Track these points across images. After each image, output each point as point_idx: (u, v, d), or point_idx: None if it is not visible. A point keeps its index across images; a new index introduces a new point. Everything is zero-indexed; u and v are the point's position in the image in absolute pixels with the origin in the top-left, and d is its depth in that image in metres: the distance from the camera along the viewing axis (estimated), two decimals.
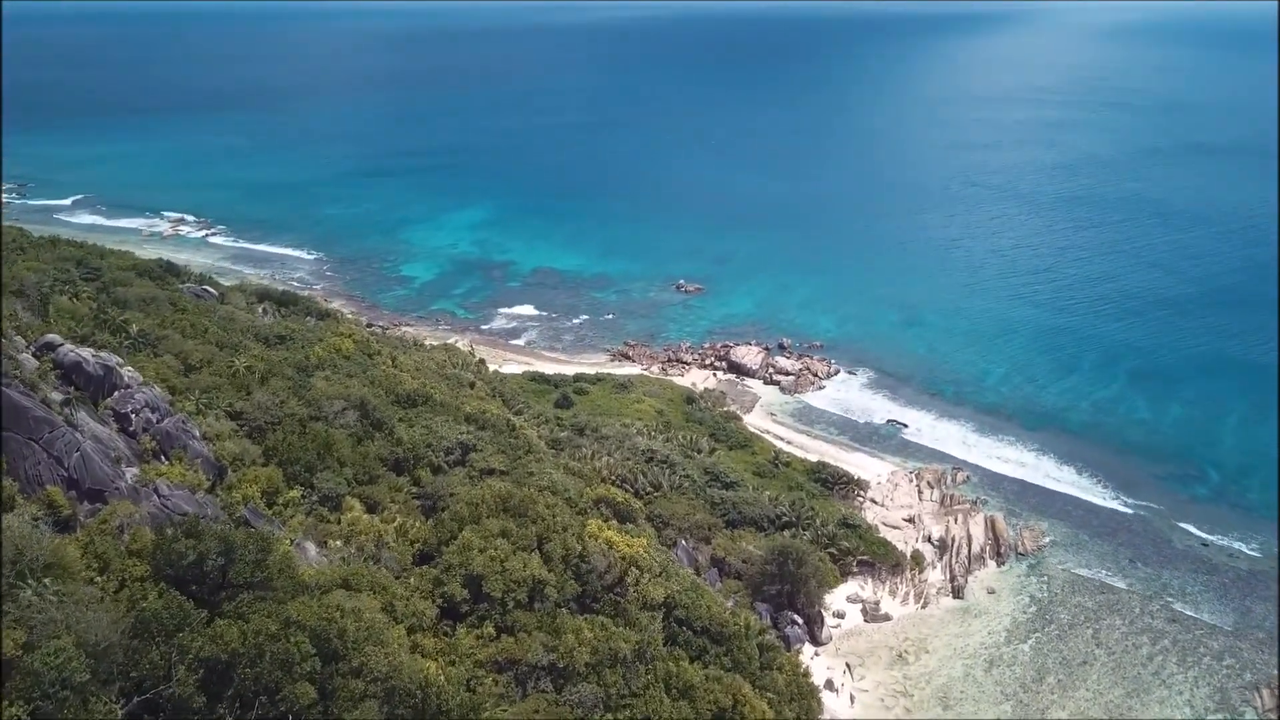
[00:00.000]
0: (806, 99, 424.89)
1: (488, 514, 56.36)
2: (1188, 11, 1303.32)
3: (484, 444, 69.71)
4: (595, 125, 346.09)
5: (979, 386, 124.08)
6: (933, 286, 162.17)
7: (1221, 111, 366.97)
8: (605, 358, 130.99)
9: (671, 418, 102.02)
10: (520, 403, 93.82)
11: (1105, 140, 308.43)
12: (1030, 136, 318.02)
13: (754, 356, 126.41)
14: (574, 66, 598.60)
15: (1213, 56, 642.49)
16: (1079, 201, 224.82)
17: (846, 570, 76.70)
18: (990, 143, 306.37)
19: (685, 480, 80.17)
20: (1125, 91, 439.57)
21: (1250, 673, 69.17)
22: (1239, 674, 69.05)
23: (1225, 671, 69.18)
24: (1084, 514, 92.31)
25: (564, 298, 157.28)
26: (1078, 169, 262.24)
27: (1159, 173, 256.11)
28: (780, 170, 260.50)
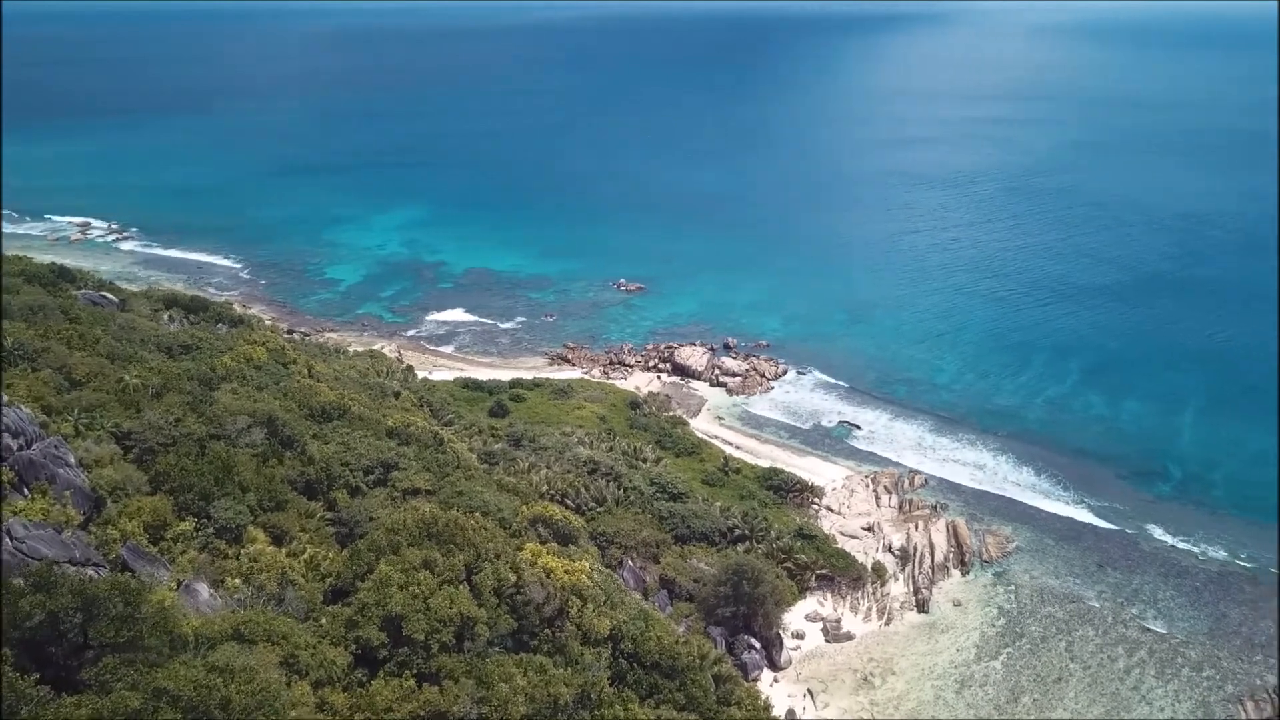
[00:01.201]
0: (747, 97, 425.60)
1: (409, 542, 50.80)
2: (1135, 11, 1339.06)
3: (407, 461, 64.05)
4: (535, 125, 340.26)
5: (931, 385, 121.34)
6: (878, 283, 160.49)
7: (1150, 106, 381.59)
8: (543, 361, 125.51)
9: (614, 424, 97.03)
10: (450, 413, 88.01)
11: (1039, 134, 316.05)
12: (967, 131, 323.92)
13: (699, 358, 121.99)
14: (513, 67, 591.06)
15: (1142, 55, 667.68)
16: (1016, 193, 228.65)
17: (804, 586, 72.40)
18: (928, 138, 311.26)
19: (631, 493, 75.24)
20: (1057, 87, 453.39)
21: (1231, 683, 66.36)
22: (1220, 685, 66.19)
23: (1206, 683, 66.27)
24: (1047, 517, 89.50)
25: (499, 299, 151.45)
26: (1014, 163, 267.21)
27: (1091, 165, 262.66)
28: (721, 167, 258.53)
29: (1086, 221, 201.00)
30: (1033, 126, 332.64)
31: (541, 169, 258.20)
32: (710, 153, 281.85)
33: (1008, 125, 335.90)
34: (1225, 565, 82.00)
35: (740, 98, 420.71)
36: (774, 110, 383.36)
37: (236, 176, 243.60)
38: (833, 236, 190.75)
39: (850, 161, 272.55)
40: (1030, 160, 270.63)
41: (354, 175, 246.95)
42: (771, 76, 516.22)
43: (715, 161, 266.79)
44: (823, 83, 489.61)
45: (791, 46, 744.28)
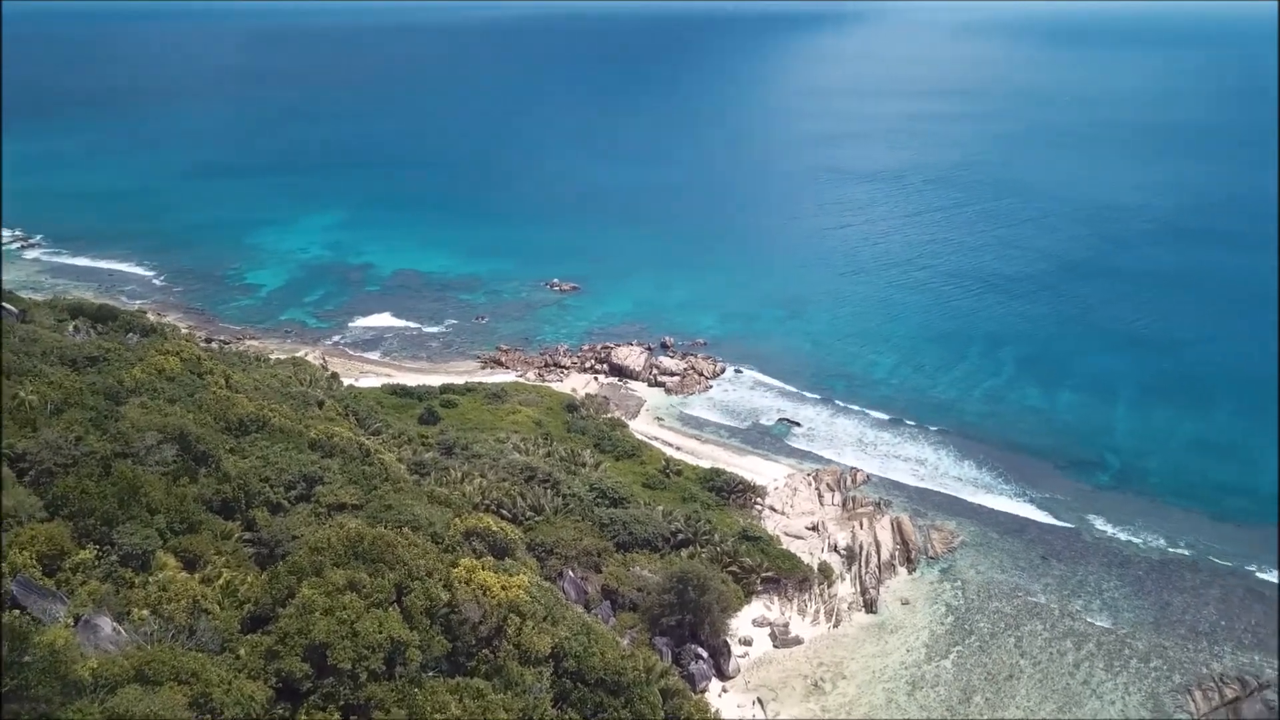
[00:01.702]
0: (675, 95, 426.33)
1: (334, 562, 47.83)
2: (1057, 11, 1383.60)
3: (332, 474, 60.86)
4: (462, 123, 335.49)
5: (869, 380, 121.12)
6: (813, 278, 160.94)
7: (1064, 99, 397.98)
8: (475, 365, 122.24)
9: (551, 428, 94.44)
10: (378, 421, 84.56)
11: (964, 129, 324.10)
12: (895, 126, 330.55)
13: (636, 357, 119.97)
14: (440, 66, 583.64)
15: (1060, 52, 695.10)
16: (944, 186, 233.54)
17: (750, 589, 70.77)
18: (858, 133, 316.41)
19: (570, 500, 72.80)
20: (981, 83, 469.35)
21: (1179, 673, 66.41)
22: (1168, 676, 66.17)
23: (1154, 674, 66.20)
24: (990, 511, 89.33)
25: (428, 301, 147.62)
26: (940, 156, 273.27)
27: (1015, 158, 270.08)
28: (654, 165, 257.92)
29: (1012, 213, 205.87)
30: (958, 121, 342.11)
31: (470, 168, 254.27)
32: (642, 151, 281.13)
33: (934, 120, 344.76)
34: (1165, 554, 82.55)
35: (670, 96, 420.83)
36: (704, 108, 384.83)
37: (151, 180, 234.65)
38: (766, 232, 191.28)
39: (782, 157, 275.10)
40: (956, 154, 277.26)
41: (276, 177, 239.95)
42: (700, 75, 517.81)
43: (647, 159, 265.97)
44: (753, 80, 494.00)
45: (720, 46, 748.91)
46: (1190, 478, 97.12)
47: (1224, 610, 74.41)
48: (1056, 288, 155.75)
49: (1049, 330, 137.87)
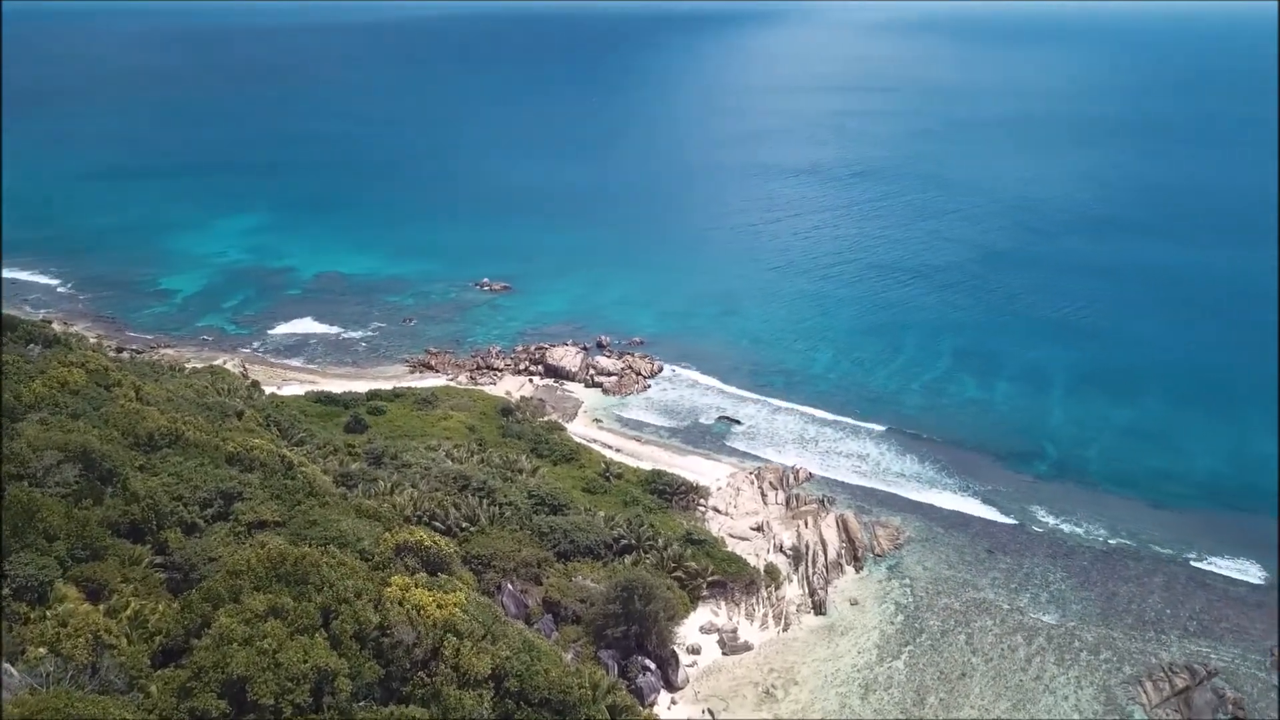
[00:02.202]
0: (601, 93, 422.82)
1: (254, 585, 44.67)
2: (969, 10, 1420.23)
3: (252, 490, 57.29)
4: (386, 123, 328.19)
5: (807, 375, 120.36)
6: (746, 274, 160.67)
7: (977, 93, 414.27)
8: (404, 369, 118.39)
9: (485, 434, 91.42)
10: (301, 431, 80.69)
11: (884, 123, 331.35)
12: (816, 122, 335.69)
13: (572, 358, 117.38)
14: (362, 64, 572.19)
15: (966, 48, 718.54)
16: (867, 179, 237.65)
17: (696, 595, 68.80)
18: (781, 129, 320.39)
19: (506, 508, 69.99)
20: (894, 79, 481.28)
21: (1129, 664, 66.21)
22: (1118, 668, 65.91)
23: (1104, 667, 65.87)
24: (934, 505, 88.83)
25: (353, 304, 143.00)
26: (863, 150, 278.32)
27: (935, 151, 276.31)
28: (581, 163, 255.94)
29: (936, 205, 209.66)
30: (880, 116, 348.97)
31: (394, 168, 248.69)
32: (569, 148, 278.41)
33: (857, 116, 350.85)
34: (1108, 543, 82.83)
35: (597, 95, 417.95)
36: (633, 107, 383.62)
37: (55, 183, 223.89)
38: (698, 229, 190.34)
39: (710, 154, 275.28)
40: (880, 149, 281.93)
41: (191, 179, 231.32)
42: (623, 74, 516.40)
43: (574, 157, 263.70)
44: (679, 79, 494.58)
45: (646, 45, 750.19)
46: (1126, 465, 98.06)
47: (1168, 598, 74.74)
48: (984, 278, 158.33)
49: (980, 320, 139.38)
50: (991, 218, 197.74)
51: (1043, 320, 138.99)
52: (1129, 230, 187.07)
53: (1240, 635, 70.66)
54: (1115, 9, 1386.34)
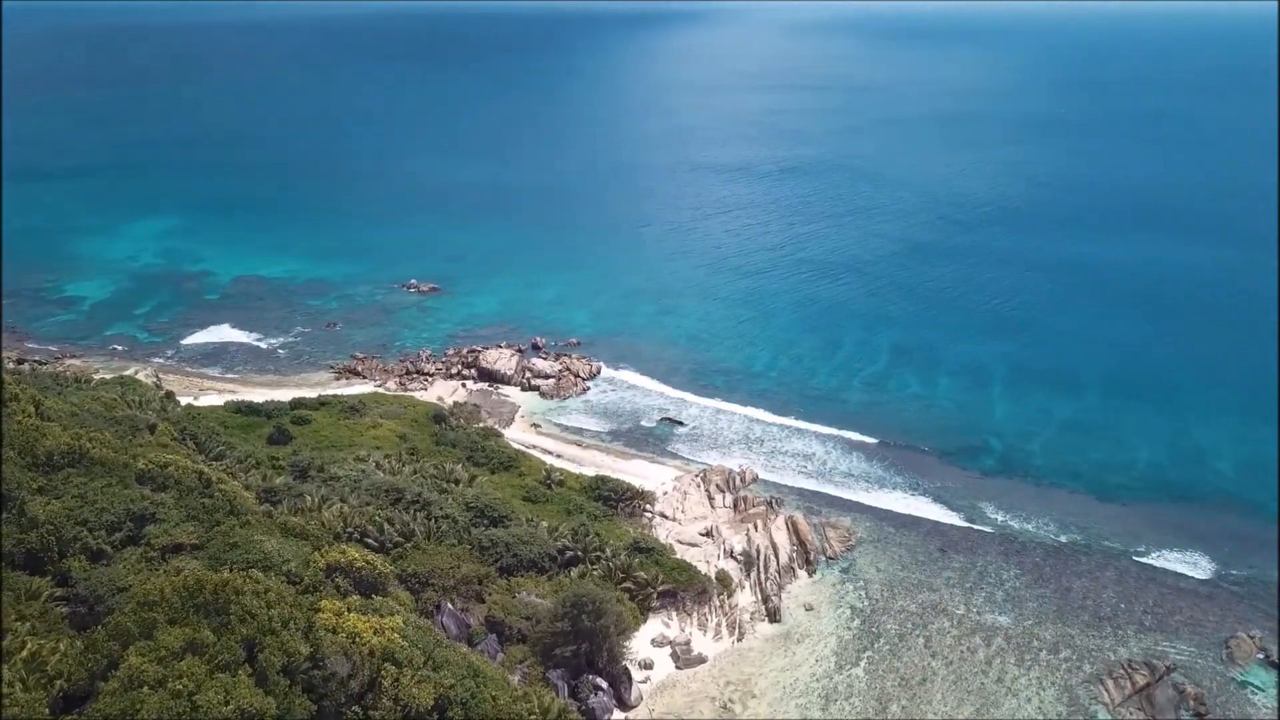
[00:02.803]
0: (526, 92, 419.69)
1: (169, 618, 40.70)
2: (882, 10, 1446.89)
3: (166, 510, 52.98)
4: (306, 122, 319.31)
5: (748, 373, 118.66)
6: (680, 272, 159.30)
7: (900, 91, 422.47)
8: (329, 376, 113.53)
9: (417, 442, 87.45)
10: (220, 444, 75.88)
11: (811, 120, 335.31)
12: (744, 119, 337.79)
13: (507, 360, 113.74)
14: (277, 63, 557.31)
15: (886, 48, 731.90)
16: (798, 175, 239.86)
17: (647, 606, 66.04)
18: (708, 126, 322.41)
19: (443, 522, 66.38)
20: (819, 77, 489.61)
21: (1088, 663, 65.29)
22: (1078, 666, 64.95)
23: (1065, 666, 64.84)
24: (883, 504, 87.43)
25: (274, 309, 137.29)
26: (792, 148, 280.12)
27: (861, 146, 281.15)
28: (507, 162, 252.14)
29: (866, 201, 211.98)
30: (806, 114, 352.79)
31: (314, 168, 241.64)
32: (496, 147, 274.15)
33: (783, 114, 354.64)
34: (1058, 538, 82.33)
35: (526, 94, 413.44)
36: (560, 105, 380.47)
37: None
38: (631, 227, 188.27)
39: (640, 153, 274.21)
40: (807, 145, 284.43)
41: (97, 180, 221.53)
42: (551, 73, 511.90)
43: (502, 155, 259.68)
44: (602, 78, 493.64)
45: (566, 44, 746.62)
46: (1069, 458, 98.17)
47: (1121, 593, 74.28)
48: (916, 271, 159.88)
49: (915, 314, 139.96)
50: (920, 212, 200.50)
51: (976, 312, 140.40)
52: (1053, 224, 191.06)
53: (1194, 628, 70.43)
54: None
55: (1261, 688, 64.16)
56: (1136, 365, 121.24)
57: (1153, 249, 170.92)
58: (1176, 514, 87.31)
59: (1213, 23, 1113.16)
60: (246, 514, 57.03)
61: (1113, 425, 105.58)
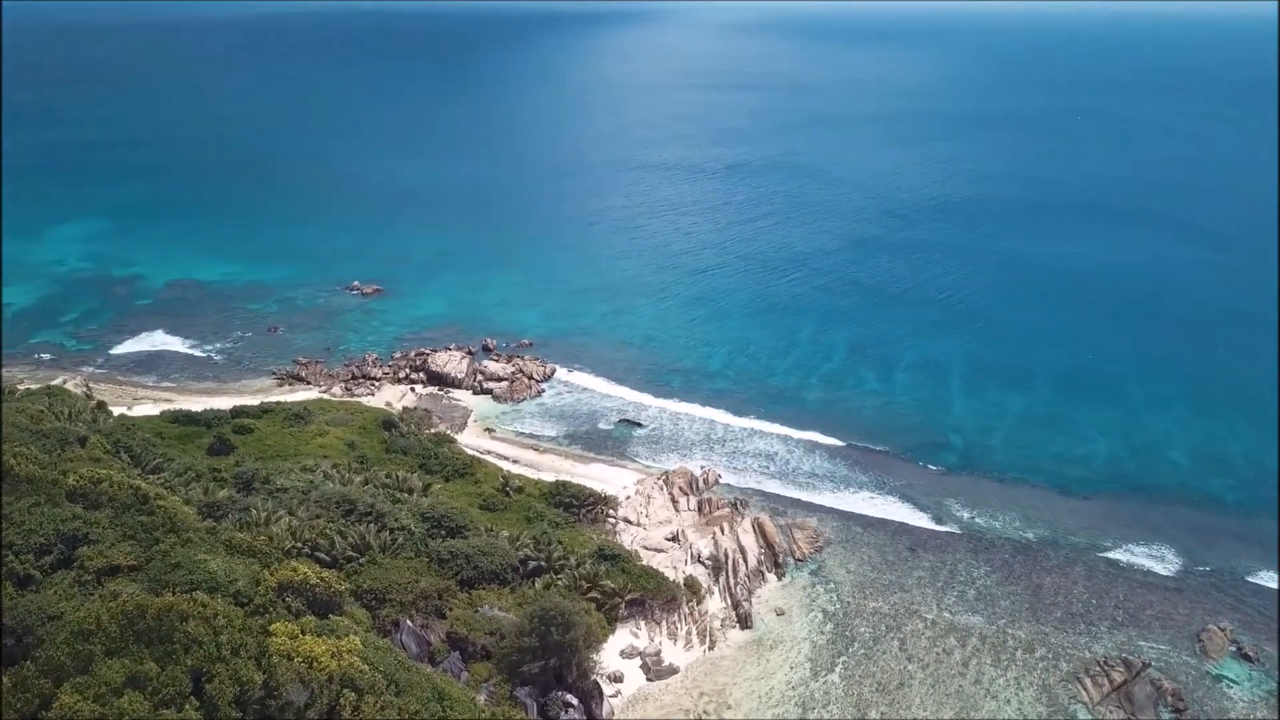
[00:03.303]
0: (468, 92, 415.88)
1: (106, 649, 37.60)
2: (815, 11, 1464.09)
3: (100, 530, 49.44)
4: (238, 122, 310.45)
5: (705, 373, 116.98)
6: (630, 271, 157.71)
7: (838, 90, 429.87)
8: (272, 383, 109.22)
9: (367, 450, 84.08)
10: (157, 457, 71.90)
11: (752, 118, 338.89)
12: (685, 117, 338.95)
13: (457, 363, 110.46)
14: (209, 63, 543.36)
15: (821, 47, 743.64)
16: (741, 172, 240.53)
17: (614, 616, 63.66)
18: (650, 124, 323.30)
19: (399, 534, 63.32)
20: (756, 75, 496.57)
21: (1065, 661, 64.44)
22: (1055, 665, 64.06)
23: (1041, 666, 63.90)
24: (849, 502, 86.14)
25: (211, 313, 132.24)
26: (735, 145, 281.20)
27: (802, 144, 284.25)
28: (450, 161, 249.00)
29: (808, 197, 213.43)
30: (747, 112, 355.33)
31: (250, 169, 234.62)
32: (435, 147, 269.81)
33: (724, 112, 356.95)
34: (1025, 534, 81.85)
35: (464, 93, 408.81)
36: (497, 104, 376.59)
37: None
38: (577, 226, 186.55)
39: (581, 150, 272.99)
40: (750, 143, 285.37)
41: (18, 183, 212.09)
42: (491, 72, 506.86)
43: (442, 155, 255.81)
44: (543, 77, 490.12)
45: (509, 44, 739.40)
46: (1029, 452, 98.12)
47: (1092, 589, 73.80)
48: (863, 266, 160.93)
49: (866, 309, 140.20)
50: (864, 208, 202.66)
51: (925, 305, 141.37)
52: (993, 217, 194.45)
53: (1165, 622, 70.09)
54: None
55: (1236, 680, 63.90)
56: (1083, 357, 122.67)
57: (1089, 241, 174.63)
58: (1137, 506, 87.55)
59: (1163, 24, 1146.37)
60: (188, 531, 53.54)
61: (1067, 418, 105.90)
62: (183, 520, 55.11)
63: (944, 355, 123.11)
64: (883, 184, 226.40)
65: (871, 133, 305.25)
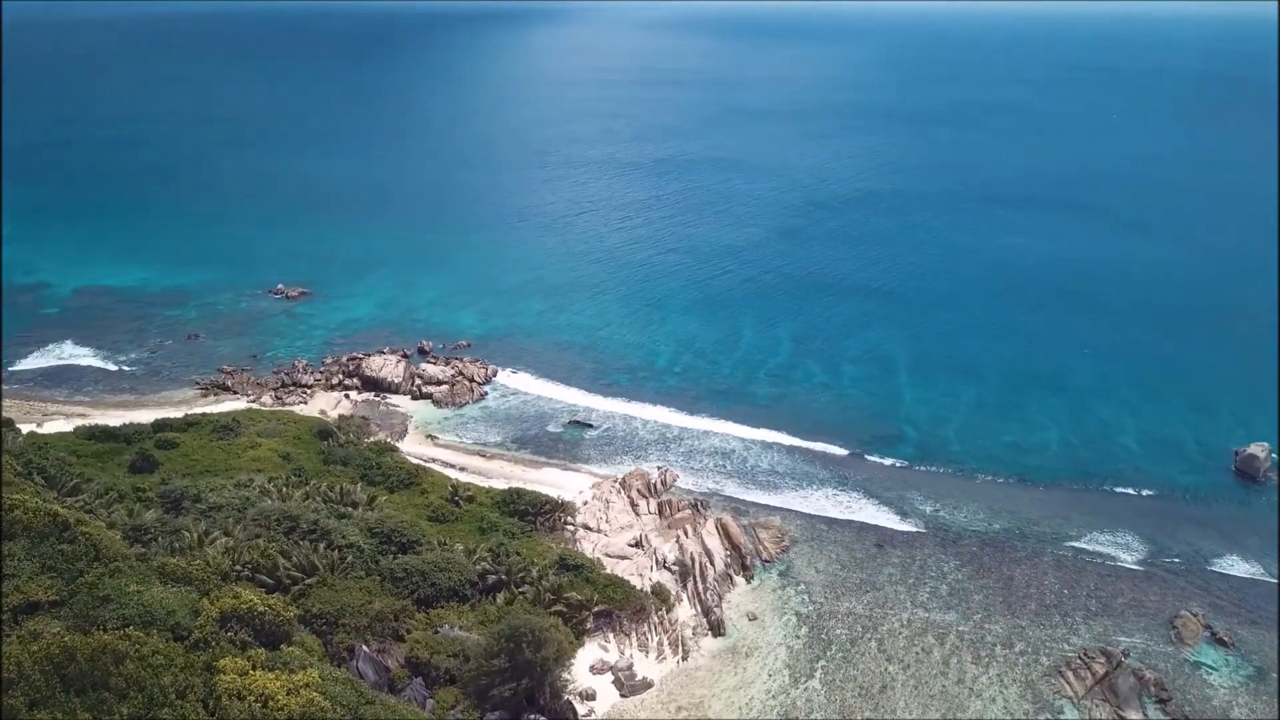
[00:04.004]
0: (386, 90, 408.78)
1: (30, 699, 33.46)
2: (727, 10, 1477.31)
3: (15, 562, 44.49)
4: (145, 120, 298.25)
5: (652, 370, 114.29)
6: (565, 268, 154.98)
7: (757, 85, 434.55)
8: (195, 393, 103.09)
9: (304, 462, 79.23)
10: (74, 477, 66.22)
11: (674, 113, 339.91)
12: (608, 113, 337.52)
13: (394, 367, 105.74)
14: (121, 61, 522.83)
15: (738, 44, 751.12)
16: (669, 167, 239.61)
17: (581, 629, 60.26)
18: (574, 117, 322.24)
19: (348, 551, 59.03)
20: (677, 71, 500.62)
21: (1045, 655, 63.09)
22: (1035, 659, 62.65)
23: (1022, 660, 62.45)
24: (812, 500, 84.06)
25: (125, 321, 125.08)
26: (661, 141, 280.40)
27: (726, 138, 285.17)
28: (370, 159, 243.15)
29: (737, 190, 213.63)
30: (669, 107, 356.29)
31: (159, 169, 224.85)
32: (355, 146, 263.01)
33: (649, 105, 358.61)
34: (990, 525, 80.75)
35: (374, 92, 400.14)
36: (416, 102, 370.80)
37: None
38: (503, 223, 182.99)
39: (505, 145, 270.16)
40: (675, 138, 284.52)
41: None
42: (406, 71, 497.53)
43: (361, 154, 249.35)
44: (461, 74, 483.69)
45: (424, 42, 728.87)
46: (984, 442, 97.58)
47: (1062, 579, 72.85)
48: (796, 257, 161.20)
49: (806, 301, 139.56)
50: (792, 200, 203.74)
51: (863, 294, 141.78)
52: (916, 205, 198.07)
53: (1139, 610, 69.38)
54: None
55: (1215, 666, 63.29)
56: (1020, 344, 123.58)
57: (1013, 231, 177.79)
58: (1096, 493, 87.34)
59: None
60: (116, 559, 48.74)
61: (1017, 406, 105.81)
62: (108, 547, 50.22)
63: (887, 345, 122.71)
64: (808, 176, 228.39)
65: (794, 127, 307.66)
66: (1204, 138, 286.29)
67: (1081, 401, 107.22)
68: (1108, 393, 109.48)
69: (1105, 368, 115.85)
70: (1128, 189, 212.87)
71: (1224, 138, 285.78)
